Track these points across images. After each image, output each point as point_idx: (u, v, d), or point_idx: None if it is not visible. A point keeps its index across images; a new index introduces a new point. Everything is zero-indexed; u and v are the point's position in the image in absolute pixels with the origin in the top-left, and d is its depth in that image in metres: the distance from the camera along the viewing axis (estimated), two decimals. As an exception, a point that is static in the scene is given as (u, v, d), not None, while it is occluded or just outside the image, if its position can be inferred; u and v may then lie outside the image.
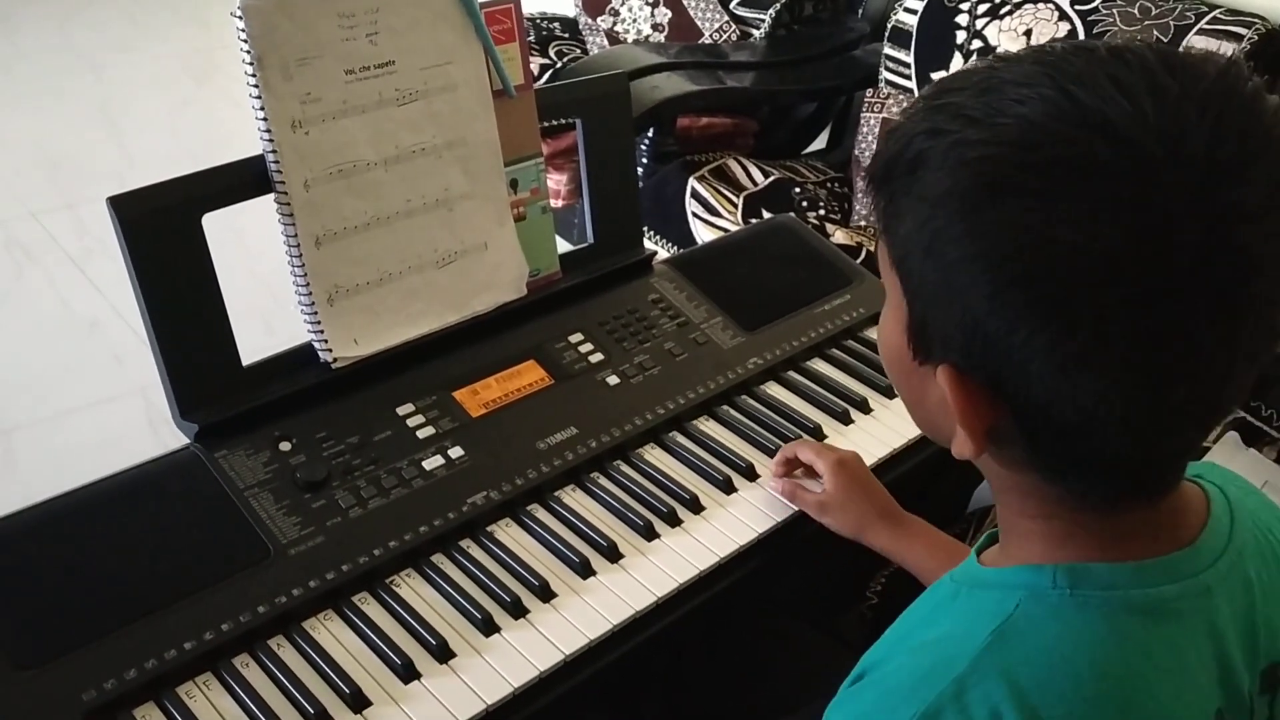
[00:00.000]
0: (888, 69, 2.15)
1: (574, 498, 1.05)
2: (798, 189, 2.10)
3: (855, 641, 0.68)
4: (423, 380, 1.10)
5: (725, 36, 2.40)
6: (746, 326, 1.26)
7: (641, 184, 2.01)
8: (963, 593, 0.65)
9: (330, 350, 1.06)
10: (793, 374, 1.24)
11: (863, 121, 2.14)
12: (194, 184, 1.00)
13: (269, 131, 1.00)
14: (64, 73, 3.66)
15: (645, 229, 1.82)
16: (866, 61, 2.29)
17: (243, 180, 1.01)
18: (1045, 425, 0.56)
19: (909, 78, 2.11)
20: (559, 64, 2.44)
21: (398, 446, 1.04)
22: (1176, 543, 0.61)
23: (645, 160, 2.15)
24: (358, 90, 1.04)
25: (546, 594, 0.95)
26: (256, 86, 0.99)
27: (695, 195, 2.06)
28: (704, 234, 2.02)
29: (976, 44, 1.98)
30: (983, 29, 1.97)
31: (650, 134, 2.14)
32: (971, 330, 0.55)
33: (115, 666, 0.83)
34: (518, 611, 0.93)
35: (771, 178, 2.13)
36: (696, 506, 1.05)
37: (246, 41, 0.97)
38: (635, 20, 2.47)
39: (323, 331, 1.06)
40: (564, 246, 1.26)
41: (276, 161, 1.00)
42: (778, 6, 2.34)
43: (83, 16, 4.07)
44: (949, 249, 0.54)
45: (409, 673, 0.88)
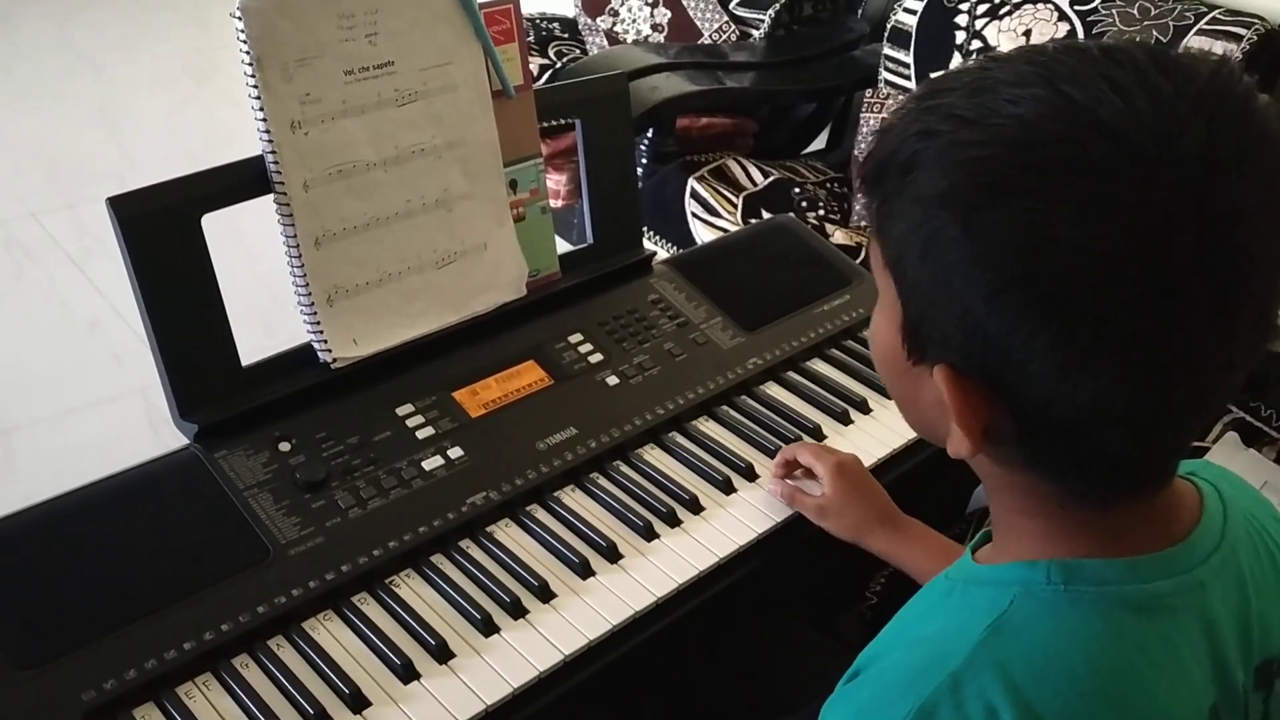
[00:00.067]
0: (887, 69, 2.15)
1: (573, 498, 1.06)
2: (797, 189, 2.10)
3: (855, 641, 0.68)
4: (422, 380, 1.10)
5: (725, 37, 2.40)
6: (746, 327, 1.26)
7: (641, 184, 2.01)
8: (958, 589, 0.65)
9: (330, 350, 1.06)
10: (792, 374, 1.24)
11: (862, 122, 2.15)
12: (194, 184, 1.00)
13: (268, 132, 1.00)
14: (64, 73, 3.66)
15: (645, 229, 1.83)
16: (866, 62, 2.29)
17: (242, 181, 1.02)
18: (1044, 424, 0.56)
19: (908, 78, 2.11)
20: (558, 64, 2.44)
21: (397, 447, 1.04)
22: (1169, 539, 0.62)
23: (645, 160, 2.14)
24: (357, 91, 1.04)
25: (546, 594, 0.95)
26: (256, 87, 0.99)
27: (695, 195, 2.06)
28: (704, 234, 2.02)
29: (976, 44, 1.98)
30: (982, 29, 1.97)
31: (650, 134, 2.14)
32: (970, 330, 0.55)
33: (115, 666, 0.83)
34: (517, 612, 0.93)
35: (771, 178, 2.13)
36: (696, 507, 1.05)
37: (246, 42, 0.97)
38: (635, 20, 2.47)
39: (322, 332, 1.06)
40: (564, 247, 1.26)
41: (276, 162, 1.01)
42: (777, 7, 2.34)
43: (83, 16, 4.07)
44: (946, 250, 0.54)
45: (408, 673, 0.88)
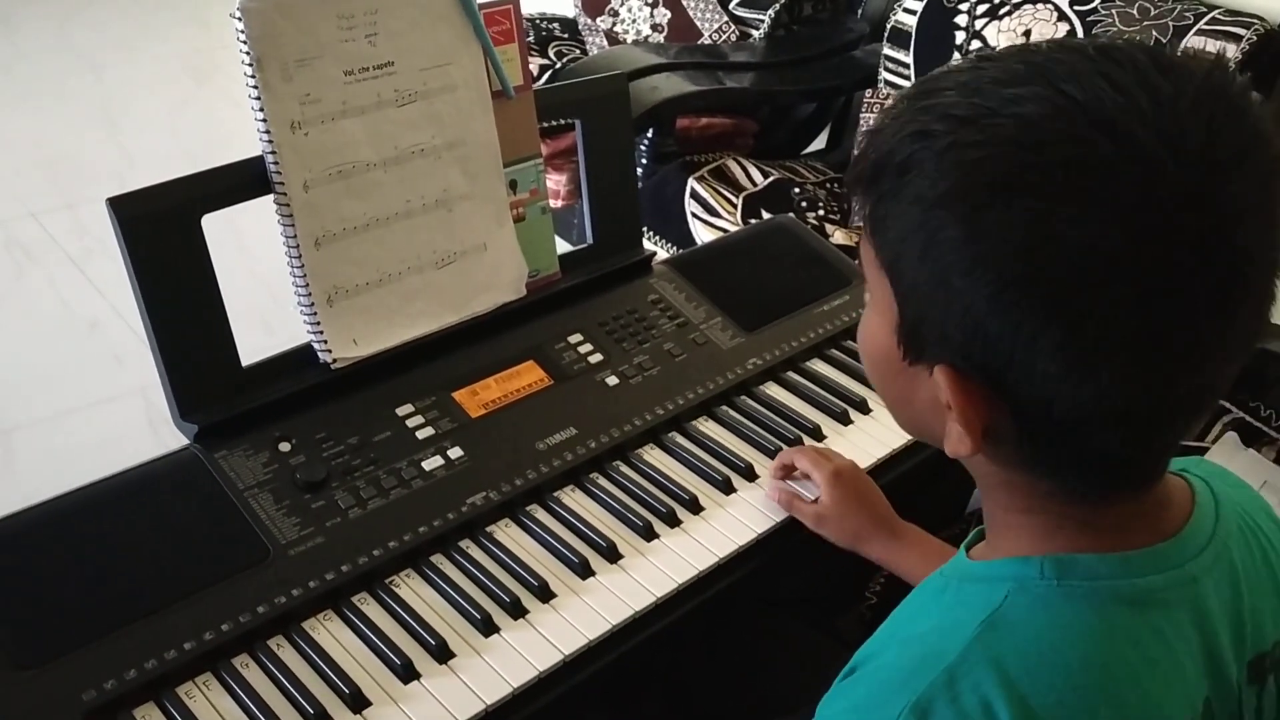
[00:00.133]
0: (887, 69, 2.15)
1: (573, 498, 1.06)
2: (797, 189, 2.10)
3: (855, 641, 0.68)
4: (422, 381, 1.10)
5: (725, 37, 2.40)
6: (746, 327, 1.26)
7: (641, 184, 2.01)
8: (952, 586, 0.65)
9: (330, 351, 1.06)
10: (792, 374, 1.24)
11: (862, 122, 2.15)
12: (194, 185, 1.00)
13: (268, 132, 1.00)
14: (64, 73, 3.66)
15: (645, 229, 1.82)
16: (866, 62, 2.29)
17: (242, 181, 1.02)
18: (1044, 423, 0.56)
19: (908, 78, 2.11)
20: (558, 64, 2.44)
21: (397, 447, 1.04)
22: (1162, 534, 0.62)
23: (645, 161, 2.14)
24: (357, 91, 1.04)
25: (546, 594, 0.95)
26: (256, 87, 0.99)
27: (695, 196, 2.06)
28: (703, 234, 2.02)
29: (975, 44, 1.98)
30: (982, 29, 1.97)
31: (650, 134, 2.14)
32: (972, 331, 0.55)
33: (115, 666, 0.83)
34: (517, 612, 0.93)
35: (771, 178, 2.13)
36: (696, 507, 1.05)
37: (246, 43, 0.97)
38: (635, 21, 2.47)
39: (322, 332, 1.06)
40: (563, 247, 1.26)
41: (276, 162, 1.01)
42: (777, 7, 2.34)
43: (83, 16, 4.07)
44: (947, 250, 0.54)
45: (408, 673, 0.88)
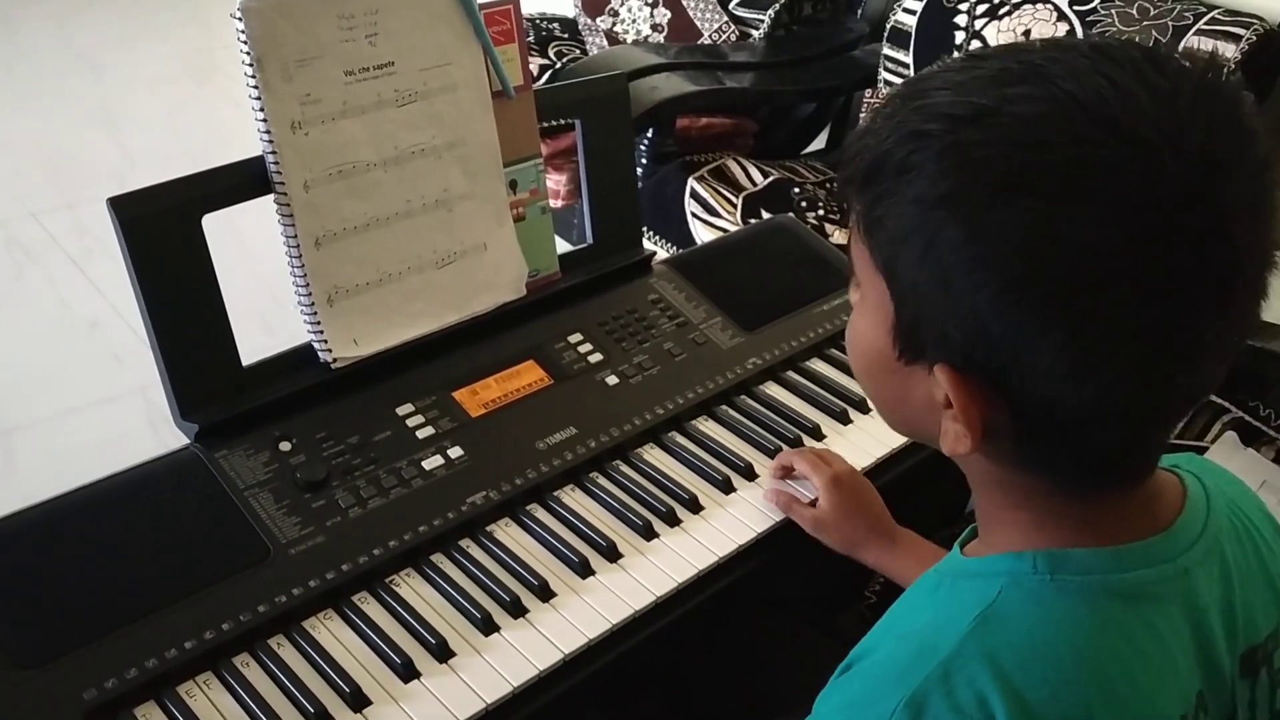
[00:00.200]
0: (887, 69, 2.15)
1: (573, 497, 1.06)
2: (797, 189, 2.10)
3: (854, 641, 0.69)
4: (422, 380, 1.10)
5: (724, 37, 2.40)
6: (745, 327, 1.26)
7: (641, 184, 2.01)
8: (946, 583, 0.66)
9: (330, 350, 1.06)
10: (792, 374, 1.24)
11: (862, 122, 2.15)
12: (194, 185, 1.00)
13: (269, 132, 1.00)
14: (64, 73, 3.66)
15: (644, 229, 1.83)
16: (866, 62, 2.29)
17: (243, 181, 1.02)
18: (1045, 421, 0.57)
19: (908, 78, 2.11)
20: (558, 64, 2.45)
21: (397, 446, 1.04)
22: (1153, 528, 0.62)
23: (644, 161, 2.15)
24: (357, 91, 1.04)
25: (546, 593, 0.95)
26: (256, 88, 0.99)
27: (694, 195, 2.06)
28: (703, 234, 2.02)
29: (975, 44, 1.98)
30: (981, 29, 1.97)
31: (649, 134, 2.14)
32: (974, 330, 0.55)
33: (116, 666, 0.83)
34: (517, 611, 0.93)
35: (771, 178, 2.13)
36: (695, 506, 1.05)
37: (246, 43, 0.97)
38: (634, 21, 2.47)
39: (322, 332, 1.06)
40: (563, 247, 1.26)
41: (276, 162, 1.01)
42: (777, 7, 2.34)
43: (83, 16, 4.07)
44: (948, 250, 0.54)
45: (409, 672, 0.88)
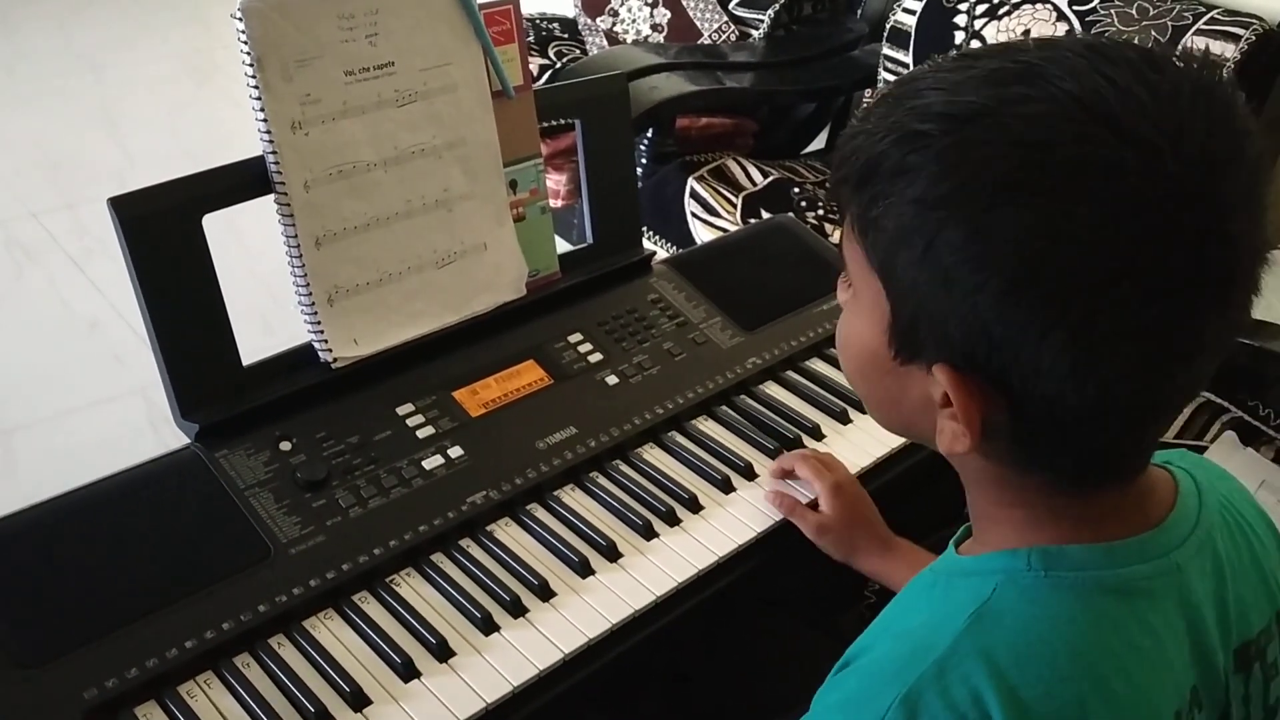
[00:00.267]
0: (886, 69, 2.15)
1: (573, 497, 1.06)
2: (796, 189, 2.10)
3: (853, 641, 0.69)
4: (423, 380, 1.10)
5: (724, 37, 2.40)
6: (745, 326, 1.26)
7: (641, 184, 2.01)
8: (941, 581, 0.66)
9: (330, 350, 1.06)
10: (791, 374, 1.24)
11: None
12: (194, 185, 1.00)
13: (269, 132, 1.00)
14: (64, 73, 3.66)
15: (644, 229, 1.83)
16: (865, 62, 2.29)
17: (243, 181, 1.02)
18: (1044, 419, 0.57)
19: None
20: (558, 64, 2.45)
21: (398, 446, 1.04)
22: (1146, 524, 0.62)
23: (644, 160, 2.15)
24: (357, 91, 1.04)
25: (546, 593, 0.95)
26: (256, 88, 0.99)
27: (694, 195, 2.07)
28: (703, 234, 2.02)
29: (975, 44, 1.98)
30: (981, 29, 1.97)
31: (649, 134, 2.14)
32: (976, 330, 0.55)
33: (116, 665, 0.83)
34: (517, 610, 0.93)
35: (770, 178, 2.13)
36: (695, 506, 1.05)
37: (246, 43, 0.98)
38: (634, 21, 2.47)
39: (323, 331, 1.06)
40: (563, 246, 1.26)
41: (276, 162, 1.01)
42: (776, 7, 2.34)
43: (83, 16, 4.07)
44: (949, 251, 0.54)
45: (409, 671, 0.88)
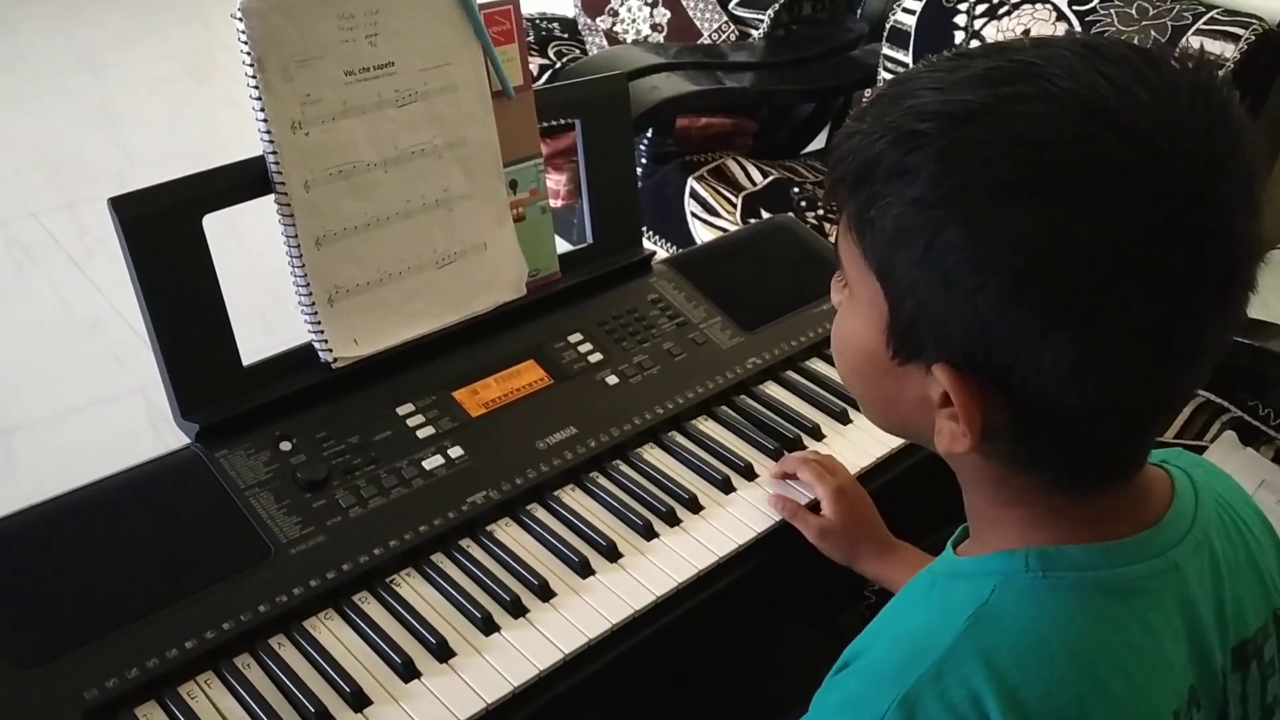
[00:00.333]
0: (886, 69, 2.15)
1: (573, 497, 1.06)
2: (796, 189, 2.10)
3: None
4: (423, 380, 1.10)
5: (724, 37, 2.40)
6: (745, 326, 1.26)
7: (641, 184, 2.01)
8: (939, 583, 0.66)
9: (330, 350, 1.06)
10: (791, 374, 1.24)
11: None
12: (195, 185, 1.00)
13: (269, 132, 1.00)
14: (64, 73, 3.66)
15: (644, 229, 1.83)
16: (865, 61, 2.29)
17: (243, 181, 1.02)
18: (1045, 418, 0.57)
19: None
20: (558, 64, 2.45)
21: (398, 446, 1.04)
22: (1143, 523, 0.62)
23: (644, 160, 2.15)
24: (357, 91, 1.04)
25: (546, 593, 0.95)
26: (257, 88, 0.99)
27: (694, 195, 2.07)
28: (703, 234, 2.02)
29: (975, 44, 1.98)
30: (981, 29, 1.97)
31: (649, 134, 2.14)
32: (978, 330, 0.55)
33: (117, 665, 0.83)
34: (517, 611, 0.93)
35: (770, 178, 2.13)
36: (695, 506, 1.05)
37: (247, 43, 0.98)
38: (634, 20, 2.47)
39: (323, 331, 1.06)
40: (563, 246, 1.26)
41: (277, 162, 1.01)
42: (776, 7, 2.34)
43: (83, 16, 4.07)
44: (950, 250, 0.54)
45: (409, 672, 0.88)
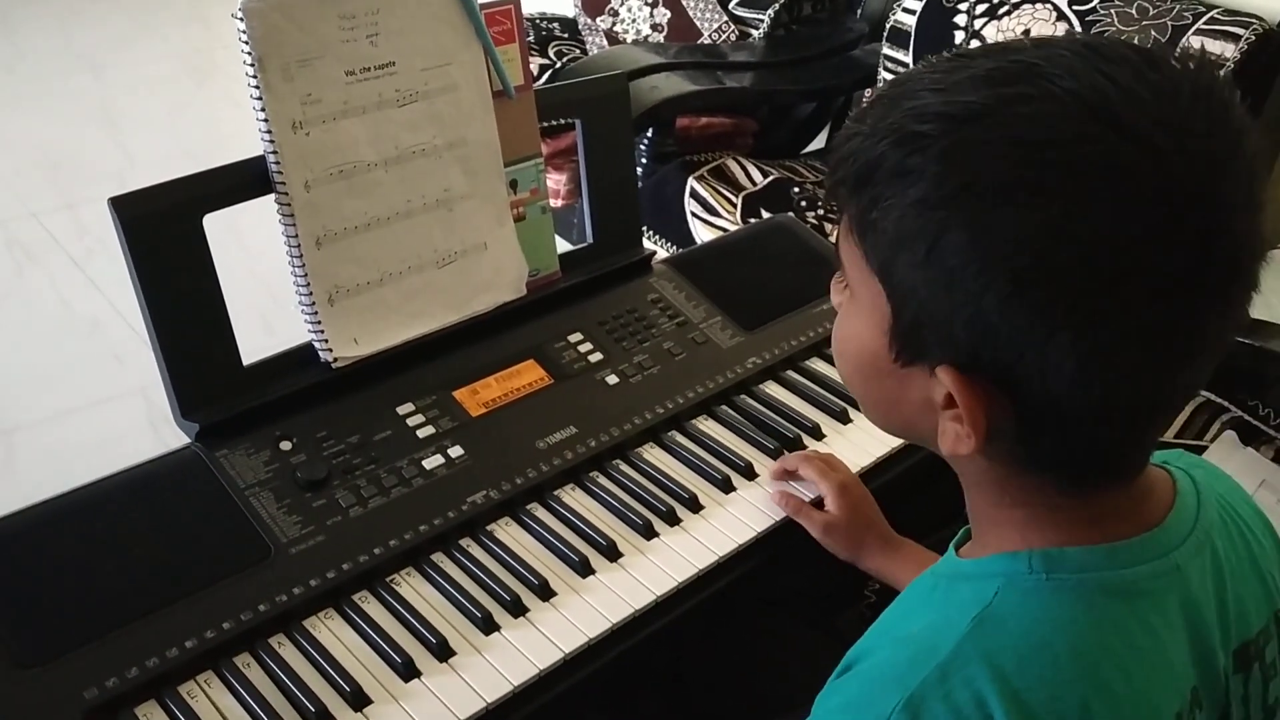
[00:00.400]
0: (886, 69, 2.15)
1: (573, 497, 1.06)
2: (797, 189, 2.10)
3: (854, 640, 0.69)
4: (423, 380, 1.10)
5: (724, 36, 2.40)
6: (745, 326, 1.26)
7: (641, 184, 2.01)
8: (942, 585, 0.66)
9: (330, 350, 1.06)
10: (791, 373, 1.24)
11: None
12: (195, 185, 1.00)
13: (270, 132, 1.00)
14: (64, 73, 3.66)
15: (644, 229, 1.83)
16: (865, 61, 2.29)
17: (243, 181, 1.02)
18: (1049, 419, 0.57)
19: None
20: (558, 64, 2.45)
21: (398, 446, 1.04)
22: (1145, 524, 0.62)
23: (644, 160, 2.15)
24: (358, 91, 1.04)
25: (546, 593, 0.95)
26: (257, 87, 0.99)
27: (694, 195, 2.07)
28: (703, 234, 2.02)
29: (975, 44, 1.98)
30: (981, 29, 1.97)
31: (649, 134, 2.14)
32: (982, 331, 0.55)
33: (117, 665, 0.83)
34: (517, 610, 0.93)
35: (770, 178, 2.13)
36: (695, 506, 1.05)
37: (247, 43, 0.98)
38: (634, 20, 2.47)
39: (323, 331, 1.06)
40: (564, 246, 1.26)
41: (277, 162, 1.01)
42: (776, 7, 2.34)
43: (83, 16, 4.07)
44: (953, 252, 0.54)
45: (409, 671, 0.88)
